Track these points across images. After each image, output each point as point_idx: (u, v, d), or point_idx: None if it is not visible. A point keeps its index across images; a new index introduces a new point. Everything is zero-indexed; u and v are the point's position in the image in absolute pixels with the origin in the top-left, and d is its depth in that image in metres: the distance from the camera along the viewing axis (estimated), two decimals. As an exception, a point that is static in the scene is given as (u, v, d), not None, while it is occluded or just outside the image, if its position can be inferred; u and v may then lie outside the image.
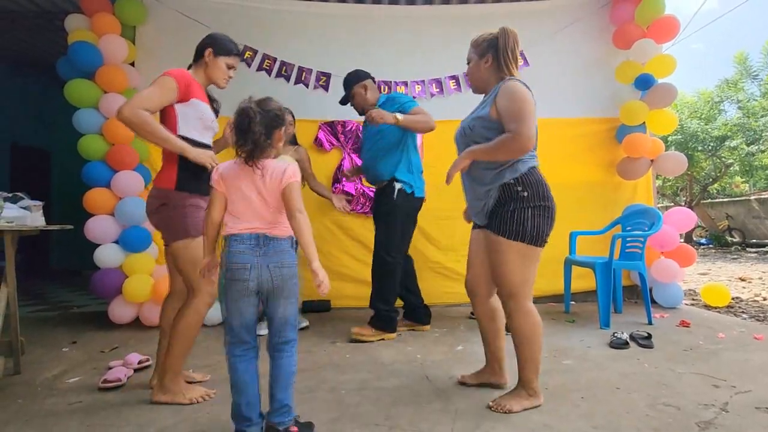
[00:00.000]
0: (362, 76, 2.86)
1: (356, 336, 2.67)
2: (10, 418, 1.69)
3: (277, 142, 1.54)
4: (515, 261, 1.71)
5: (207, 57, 1.97)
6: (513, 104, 1.68)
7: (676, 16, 3.59)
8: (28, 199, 2.26)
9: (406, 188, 2.74)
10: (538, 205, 1.72)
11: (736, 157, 11.15)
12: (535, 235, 1.71)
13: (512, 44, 1.78)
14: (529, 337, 1.73)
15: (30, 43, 4.90)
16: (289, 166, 1.51)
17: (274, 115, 1.49)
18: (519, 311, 1.73)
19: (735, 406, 1.71)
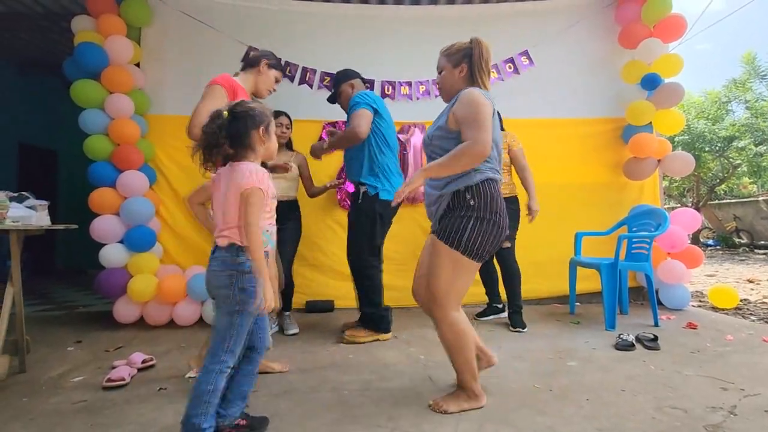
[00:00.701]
0: (350, 74, 2.86)
1: (349, 338, 2.65)
2: (16, 415, 1.70)
3: (258, 143, 1.48)
4: (446, 267, 1.68)
5: (262, 67, 2.09)
6: (469, 111, 1.65)
7: (682, 15, 3.56)
8: (33, 199, 2.27)
9: (370, 190, 2.68)
10: (482, 217, 1.67)
11: (744, 157, 11.04)
12: (470, 246, 1.66)
13: (486, 55, 1.78)
14: (456, 345, 1.71)
15: (37, 44, 4.94)
16: (255, 170, 1.43)
17: (245, 116, 1.45)
18: (443, 321, 1.71)
19: (744, 409, 1.69)
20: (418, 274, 1.90)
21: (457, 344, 1.71)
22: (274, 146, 1.55)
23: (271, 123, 1.52)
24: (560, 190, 3.70)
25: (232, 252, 1.43)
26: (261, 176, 1.43)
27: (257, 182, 1.41)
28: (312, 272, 3.61)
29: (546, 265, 3.58)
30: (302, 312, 3.50)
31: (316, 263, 3.63)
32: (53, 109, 6.10)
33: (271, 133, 1.52)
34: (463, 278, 1.70)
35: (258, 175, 1.43)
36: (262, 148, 1.50)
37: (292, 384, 2.00)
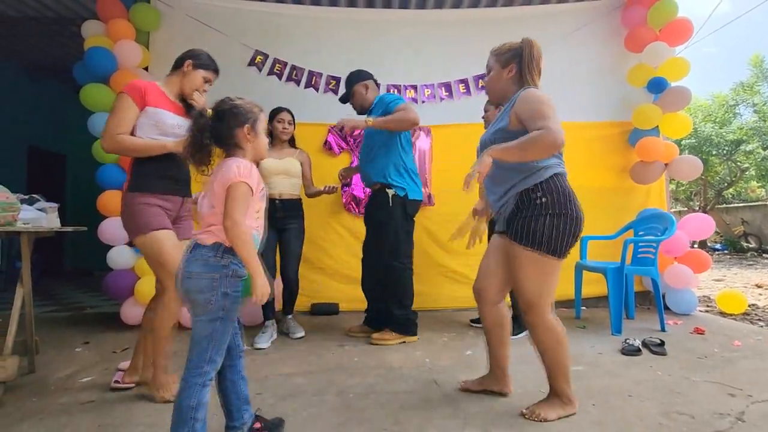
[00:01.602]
0: (364, 75, 2.86)
1: (376, 342, 2.66)
2: (25, 415, 1.72)
3: (245, 141, 1.39)
4: (531, 270, 1.66)
5: (186, 67, 2.05)
6: (533, 105, 1.62)
7: (689, 19, 3.55)
8: (43, 201, 2.31)
9: (399, 192, 2.70)
10: (556, 213, 1.63)
11: (752, 161, 10.97)
12: (550, 244, 1.63)
13: (537, 55, 1.75)
14: (553, 348, 1.68)
15: (47, 49, 5.01)
16: (243, 165, 1.33)
17: (228, 114, 1.38)
18: (539, 325, 1.68)
19: (751, 415, 1.67)
20: (485, 276, 1.87)
21: (555, 348, 1.68)
22: (262, 144, 1.45)
23: (258, 120, 1.42)
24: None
25: (217, 252, 1.31)
26: (248, 171, 1.33)
27: (244, 176, 1.30)
28: (317, 275, 3.63)
29: (551, 269, 3.56)
30: (307, 315, 3.51)
31: (322, 266, 3.64)
32: (62, 113, 6.18)
33: (258, 131, 1.42)
34: (551, 278, 1.67)
35: (245, 169, 1.32)
36: (250, 146, 1.41)
37: (297, 387, 2.00)
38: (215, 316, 1.30)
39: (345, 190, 3.72)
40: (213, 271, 1.29)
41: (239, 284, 1.32)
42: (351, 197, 3.71)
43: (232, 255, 1.31)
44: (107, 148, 1.88)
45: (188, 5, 3.64)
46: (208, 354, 1.30)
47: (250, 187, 1.32)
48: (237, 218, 1.27)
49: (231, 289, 1.31)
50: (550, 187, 1.66)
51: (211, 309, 1.29)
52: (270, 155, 2.86)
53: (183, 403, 1.27)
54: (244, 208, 1.30)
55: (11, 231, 2.02)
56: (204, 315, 1.30)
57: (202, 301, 1.29)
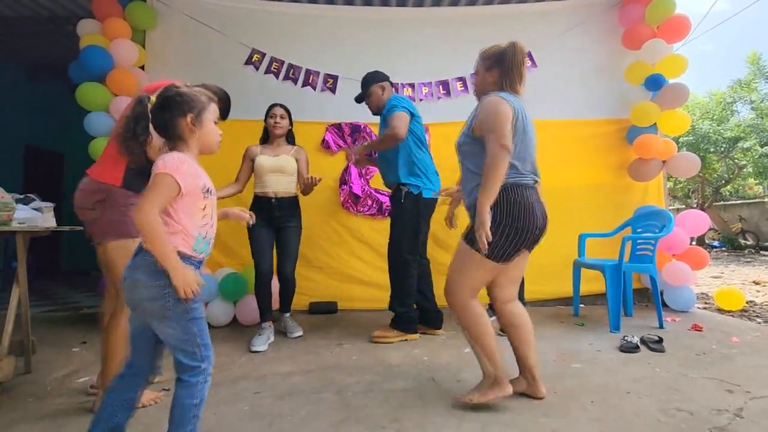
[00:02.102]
0: (381, 77, 2.87)
1: (378, 340, 2.67)
2: (21, 416, 1.71)
3: (188, 133, 1.29)
4: (462, 262, 1.78)
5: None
6: (486, 118, 1.71)
7: (686, 16, 3.55)
8: (39, 201, 2.29)
9: (413, 190, 2.72)
10: (498, 221, 1.69)
11: (750, 158, 10.97)
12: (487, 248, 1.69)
13: (518, 60, 1.78)
14: (473, 330, 1.76)
15: (43, 48, 4.98)
16: (172, 158, 1.23)
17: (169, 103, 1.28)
18: (457, 308, 1.79)
19: (750, 411, 1.67)
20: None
21: (475, 329, 1.75)
22: (210, 137, 1.33)
23: (205, 110, 1.31)
24: (564, 191, 3.69)
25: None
26: (176, 164, 1.22)
27: (169, 169, 1.20)
28: (315, 274, 3.62)
29: (550, 267, 3.56)
30: (305, 313, 3.50)
31: (320, 265, 3.64)
32: (60, 112, 6.14)
33: (204, 122, 1.30)
34: (477, 274, 1.76)
35: (173, 162, 1.22)
36: (194, 139, 1.30)
37: (296, 385, 2.00)
38: (181, 320, 1.23)
39: (343, 188, 3.71)
40: (161, 278, 1.20)
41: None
42: (349, 195, 3.70)
43: (180, 257, 1.22)
44: None
45: (184, 4, 3.62)
46: (196, 352, 1.24)
47: (176, 180, 1.20)
48: (146, 208, 1.17)
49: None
50: (499, 198, 1.70)
51: (171, 314, 1.21)
52: (264, 152, 2.85)
53: (186, 402, 1.23)
54: (159, 200, 1.19)
55: (6, 231, 2.01)
56: (167, 320, 1.22)
57: (159, 308, 1.21)
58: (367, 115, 3.79)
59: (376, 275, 3.48)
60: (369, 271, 3.62)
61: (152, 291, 1.21)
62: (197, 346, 1.25)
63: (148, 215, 1.17)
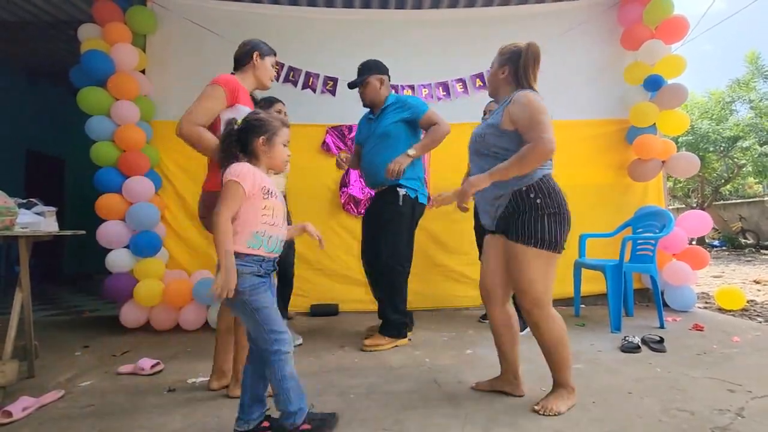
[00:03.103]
0: (383, 69, 2.76)
1: (369, 348, 2.57)
2: (25, 421, 1.71)
3: (260, 151, 1.54)
4: (537, 268, 1.72)
5: (256, 60, 2.05)
6: (526, 112, 1.69)
7: (684, 16, 3.56)
8: (41, 205, 2.30)
9: (410, 193, 2.64)
10: (552, 212, 1.73)
11: (749, 157, 10.98)
12: (552, 241, 1.72)
13: (532, 62, 1.80)
14: (560, 340, 1.74)
15: (44, 53, 5.00)
16: (240, 167, 1.46)
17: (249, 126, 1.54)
18: (546, 318, 1.74)
19: (751, 411, 1.68)
20: (489, 278, 1.88)
21: (561, 340, 1.74)
22: (278, 156, 1.57)
23: (276, 134, 1.55)
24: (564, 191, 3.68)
25: (247, 259, 1.45)
26: (240, 172, 1.44)
27: (234, 176, 1.43)
28: (316, 276, 3.63)
29: (550, 268, 3.57)
30: (307, 316, 3.51)
31: (321, 267, 3.64)
32: (61, 117, 6.17)
33: (274, 144, 1.55)
34: (552, 273, 1.76)
35: (237, 169, 1.44)
36: (265, 157, 1.55)
37: (298, 388, 2.00)
38: (245, 309, 1.44)
39: (343, 190, 3.72)
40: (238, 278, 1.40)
41: (251, 279, 1.43)
42: (349, 198, 3.71)
43: (239, 257, 1.42)
44: (183, 132, 1.82)
45: (184, 8, 3.64)
46: (267, 336, 1.44)
47: (241, 185, 1.42)
48: (219, 210, 1.40)
49: (242, 285, 1.41)
50: (541, 187, 1.74)
51: (238, 306, 1.45)
52: None
53: (275, 380, 1.45)
54: (232, 205, 1.42)
55: (9, 236, 2.02)
56: (243, 315, 1.47)
57: (238, 304, 1.45)
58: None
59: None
60: (370, 272, 3.62)
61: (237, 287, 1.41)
62: (265, 332, 1.45)
63: (221, 219, 1.39)
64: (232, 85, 1.92)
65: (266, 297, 1.47)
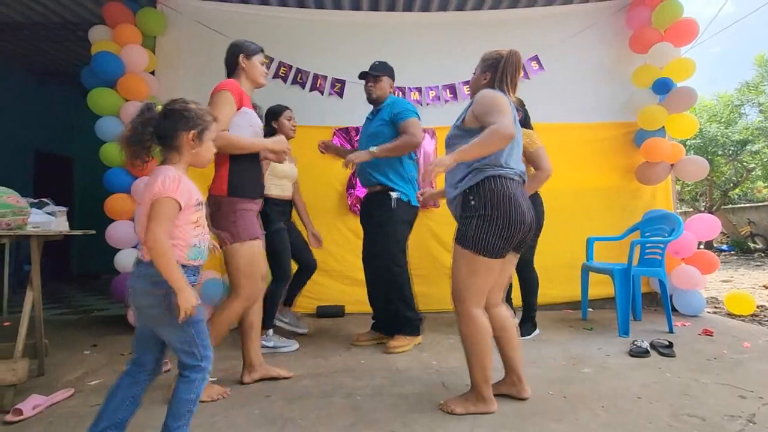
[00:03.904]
0: (393, 74, 2.87)
1: (392, 350, 2.57)
2: (35, 418, 1.73)
3: (186, 147, 1.36)
4: (459, 265, 1.76)
5: (243, 62, 2.05)
6: (484, 103, 1.73)
7: (694, 19, 3.54)
8: (53, 205, 2.33)
9: (402, 197, 2.68)
10: (482, 214, 1.71)
11: (758, 161, 10.90)
12: (477, 243, 1.70)
13: (512, 70, 1.81)
14: (472, 342, 1.74)
15: (54, 54, 5.06)
16: (172, 177, 1.29)
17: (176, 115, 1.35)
18: (461, 316, 1.75)
19: (763, 417, 1.66)
20: None
21: (472, 341, 1.73)
22: (206, 155, 1.42)
23: (208, 129, 1.40)
24: (572, 194, 3.68)
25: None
26: (175, 185, 1.28)
27: (169, 191, 1.27)
28: (323, 277, 3.63)
29: (558, 271, 3.55)
30: (313, 317, 3.51)
31: (327, 268, 3.64)
32: (70, 117, 6.23)
33: (204, 140, 1.39)
34: (480, 275, 1.73)
35: (171, 183, 1.28)
36: (190, 153, 1.38)
37: (305, 389, 2.01)
38: (176, 327, 1.29)
39: (350, 192, 3.73)
40: (159, 287, 1.27)
41: None
42: (356, 199, 3.71)
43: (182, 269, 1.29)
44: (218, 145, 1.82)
45: (194, 10, 3.67)
46: (196, 352, 1.33)
47: (177, 202, 1.28)
48: (157, 235, 1.24)
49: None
50: (479, 190, 1.74)
51: (169, 320, 1.29)
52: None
53: (183, 396, 1.32)
54: (166, 222, 1.27)
55: (21, 234, 2.04)
56: (166, 325, 1.31)
57: (158, 315, 1.30)
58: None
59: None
60: (376, 274, 3.62)
61: (151, 299, 1.29)
62: (196, 347, 1.33)
63: (157, 236, 1.24)
64: (237, 89, 1.95)
65: (200, 310, 1.33)
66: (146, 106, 1.36)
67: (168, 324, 1.30)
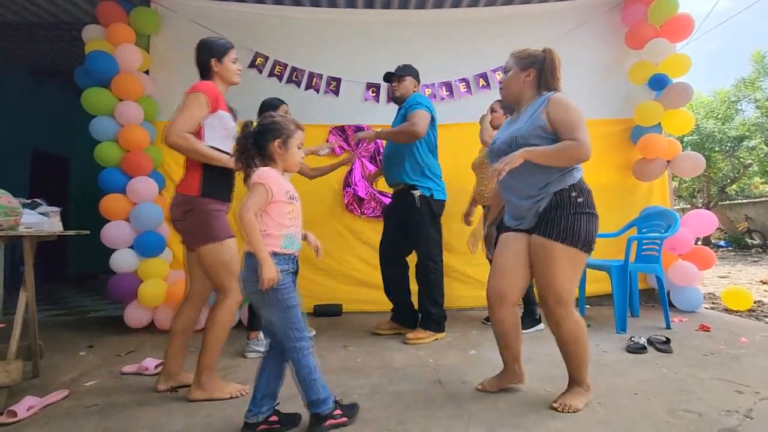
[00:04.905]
0: (418, 77, 2.95)
1: (411, 341, 2.67)
2: (29, 420, 1.72)
3: (276, 154, 1.59)
4: (567, 266, 1.72)
5: (214, 66, 2.02)
6: (569, 115, 1.73)
7: (689, 15, 3.53)
8: (46, 205, 2.31)
9: (425, 192, 2.77)
10: (590, 213, 1.75)
11: (755, 157, 10.91)
12: (588, 241, 1.74)
13: (557, 65, 1.86)
14: (578, 339, 1.75)
15: (49, 54, 5.03)
16: (265, 171, 1.54)
17: (265, 129, 1.59)
18: (569, 318, 1.73)
19: (760, 412, 1.66)
20: (507, 277, 1.84)
21: (582, 338, 1.74)
22: (293, 159, 1.62)
23: (292, 137, 1.60)
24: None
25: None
26: (267, 175, 1.52)
27: (261, 179, 1.50)
28: (319, 276, 3.62)
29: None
30: (310, 316, 3.50)
31: (325, 267, 3.64)
32: (65, 117, 6.20)
33: (290, 146, 1.60)
34: (579, 273, 1.78)
35: (264, 173, 1.52)
36: (281, 159, 1.60)
37: (301, 388, 2.00)
38: (276, 309, 1.51)
39: (347, 190, 3.72)
40: (257, 274, 1.46)
41: (285, 276, 1.52)
42: (353, 198, 3.70)
43: (276, 256, 1.50)
44: (171, 142, 1.85)
45: (188, 8, 3.65)
46: (290, 333, 1.52)
47: (267, 188, 1.50)
48: (247, 205, 1.47)
49: (279, 283, 1.49)
50: (582, 187, 1.77)
51: (269, 304, 1.51)
52: None
53: (300, 374, 1.54)
54: (257, 202, 1.49)
55: (14, 235, 2.02)
56: (268, 308, 1.53)
57: (259, 300, 1.53)
58: (371, 116, 3.80)
59: (380, 277, 3.47)
60: (373, 273, 3.59)
61: (254, 285, 1.48)
62: (292, 329, 1.53)
63: (247, 214, 1.47)
64: (213, 92, 1.93)
65: (296, 295, 1.55)
66: (246, 123, 1.61)
67: (268, 306, 1.52)
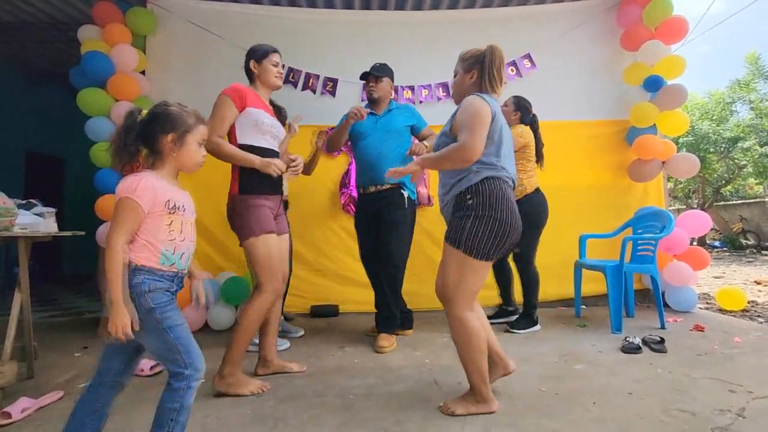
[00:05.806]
0: (393, 77, 2.93)
1: (383, 350, 2.56)
2: (24, 422, 1.71)
3: (167, 150, 1.32)
4: (451, 267, 1.72)
5: (254, 68, 2.12)
6: (463, 116, 1.71)
7: (684, 17, 3.56)
8: (41, 206, 2.30)
9: (412, 195, 2.78)
10: (480, 215, 1.68)
11: (750, 158, 10.98)
12: (470, 244, 1.67)
13: (498, 63, 1.79)
14: (463, 344, 1.71)
15: (44, 54, 5.01)
16: (136, 180, 1.24)
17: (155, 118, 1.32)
18: (452, 317, 1.73)
19: (752, 411, 1.67)
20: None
21: (466, 343, 1.70)
22: (190, 158, 1.35)
23: (190, 132, 1.33)
24: (564, 192, 3.69)
25: (130, 271, 1.23)
26: (134, 186, 1.23)
27: (126, 191, 1.22)
28: (316, 277, 3.62)
29: (551, 268, 3.55)
30: (307, 317, 3.50)
31: (321, 268, 3.64)
32: (61, 118, 6.17)
33: (186, 143, 1.33)
34: (470, 277, 1.70)
35: (130, 184, 1.23)
36: (172, 158, 1.32)
37: (298, 389, 2.00)
38: (156, 329, 1.24)
39: (343, 191, 3.72)
40: (130, 290, 1.22)
41: (162, 295, 1.26)
42: (350, 198, 3.70)
43: (145, 271, 1.24)
44: (206, 150, 1.84)
45: (184, 9, 3.64)
46: (179, 357, 1.26)
47: (137, 203, 1.22)
48: (110, 237, 1.21)
49: (154, 302, 1.24)
50: (478, 189, 1.72)
51: (144, 326, 1.23)
52: None
53: (166, 405, 1.25)
54: (124, 225, 1.22)
55: (9, 236, 2.01)
56: (143, 332, 1.23)
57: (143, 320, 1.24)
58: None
59: (377, 278, 3.49)
60: (370, 273, 3.62)
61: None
62: (178, 353, 1.26)
63: (112, 243, 1.20)
64: (239, 92, 2.00)
65: (178, 314, 1.29)
66: (129, 112, 1.33)
67: (142, 330, 1.22)
